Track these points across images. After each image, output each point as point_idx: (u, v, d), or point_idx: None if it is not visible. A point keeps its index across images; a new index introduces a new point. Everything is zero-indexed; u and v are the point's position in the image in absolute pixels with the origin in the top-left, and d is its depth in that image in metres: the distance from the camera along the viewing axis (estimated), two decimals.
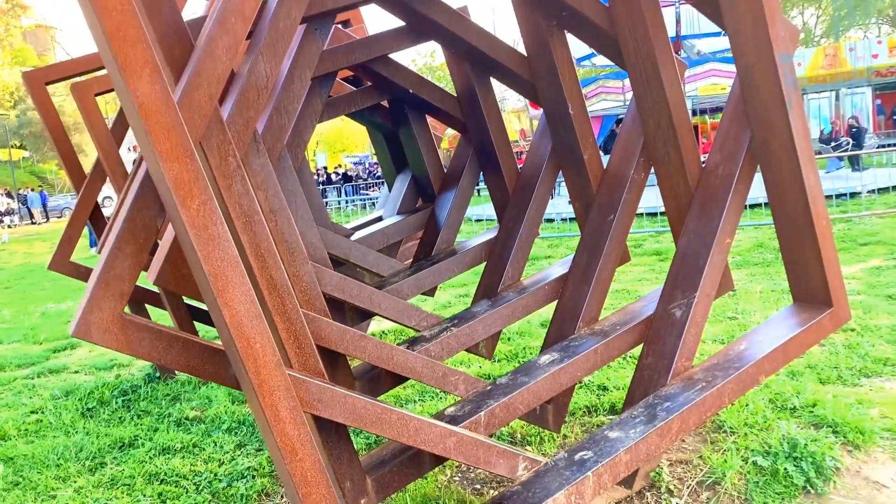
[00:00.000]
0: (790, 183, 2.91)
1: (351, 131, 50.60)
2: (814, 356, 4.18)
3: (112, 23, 1.74)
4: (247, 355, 1.94)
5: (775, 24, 2.75)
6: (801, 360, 4.11)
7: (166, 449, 3.72)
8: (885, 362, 4.00)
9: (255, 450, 3.67)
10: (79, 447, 3.81)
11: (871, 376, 3.85)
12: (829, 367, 3.98)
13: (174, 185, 1.82)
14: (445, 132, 4.77)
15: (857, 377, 3.84)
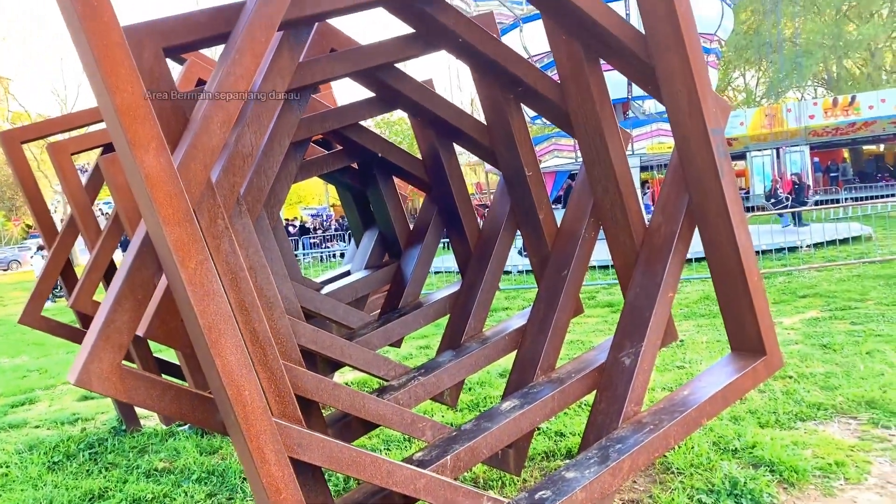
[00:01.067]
0: (724, 242, 3.22)
1: (308, 183, 50.79)
2: (755, 402, 4.48)
3: (123, 101, 1.96)
4: (237, 402, 2.12)
5: (707, 101, 3.09)
6: (743, 406, 4.40)
7: (137, 500, 3.80)
8: (819, 407, 4.31)
9: (225, 499, 3.77)
10: (48, 500, 3.85)
11: (805, 420, 4.15)
12: (768, 411, 4.27)
13: (175, 246, 2.02)
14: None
15: (794, 421, 4.14)
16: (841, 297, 8.26)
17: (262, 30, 2.39)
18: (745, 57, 46.60)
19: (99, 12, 1.92)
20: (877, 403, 4.23)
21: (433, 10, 3.13)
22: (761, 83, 51.85)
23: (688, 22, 3.02)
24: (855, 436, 3.87)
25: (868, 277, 9.56)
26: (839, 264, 10.81)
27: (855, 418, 4.12)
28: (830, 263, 11.01)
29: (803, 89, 49.78)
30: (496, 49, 3.35)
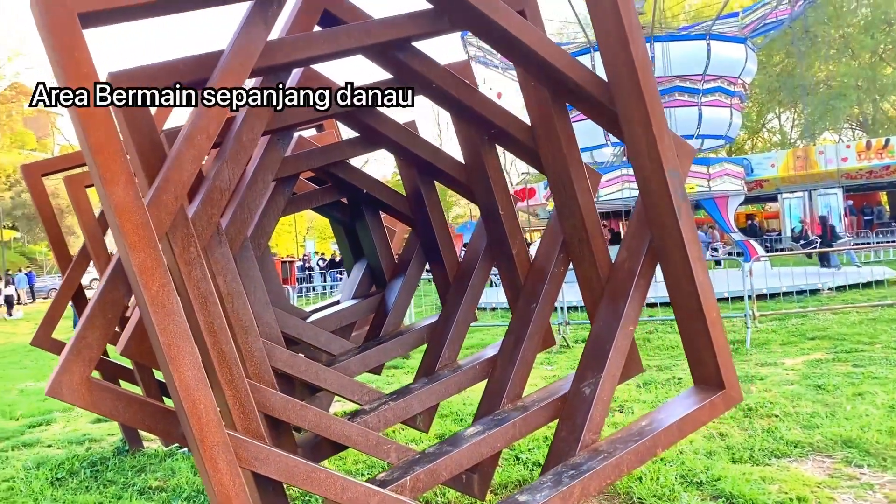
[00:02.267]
0: (683, 279, 3.35)
1: None
2: (734, 438, 4.54)
3: (96, 139, 2.20)
4: (192, 414, 2.30)
5: (664, 145, 3.25)
6: (721, 442, 4.47)
7: None
8: (797, 445, 4.35)
9: None
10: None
11: (780, 457, 4.20)
12: (744, 448, 4.33)
13: (139, 269, 2.24)
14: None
15: (769, 457, 4.19)
16: (850, 340, 8.22)
17: (234, 76, 2.64)
18: (777, 99, 46.40)
19: (80, 66, 2.17)
20: (854, 443, 4.26)
21: (407, 58, 3.36)
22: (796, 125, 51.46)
23: (645, 71, 3.20)
24: (826, 473, 3.91)
25: (883, 321, 9.47)
26: (854, 306, 10.71)
27: (830, 457, 4.16)
28: (845, 306, 10.91)
29: (839, 131, 49.33)
30: (469, 95, 3.56)
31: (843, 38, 41.51)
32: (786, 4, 19.42)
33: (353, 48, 3.14)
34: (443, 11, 3.19)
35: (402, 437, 5.34)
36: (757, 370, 6.89)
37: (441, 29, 3.27)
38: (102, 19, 2.32)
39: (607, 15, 3.18)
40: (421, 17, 3.23)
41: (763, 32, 20.52)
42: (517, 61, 3.42)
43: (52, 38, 2.14)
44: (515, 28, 3.12)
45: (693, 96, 18.01)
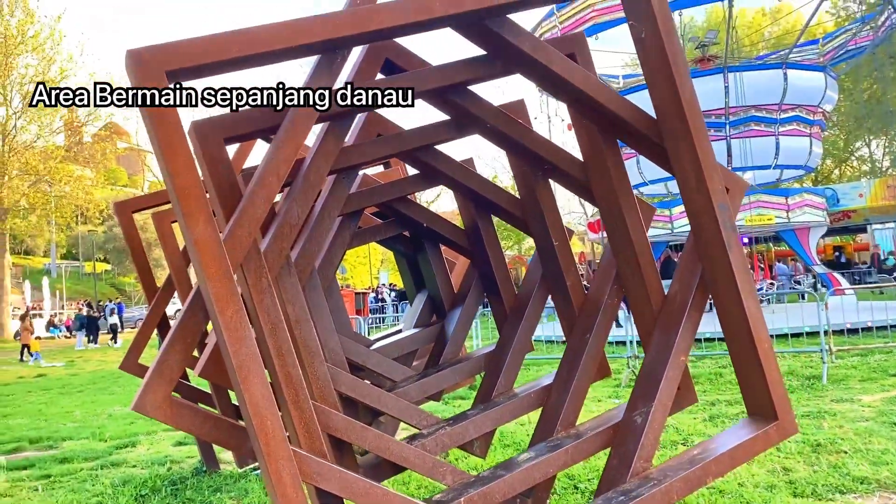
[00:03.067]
0: (734, 311, 3.40)
1: None
2: (798, 472, 4.48)
3: (180, 181, 2.48)
4: (260, 430, 2.52)
5: (713, 180, 3.34)
6: (785, 476, 4.41)
7: None
8: (863, 481, 4.26)
9: None
10: None
11: (845, 493, 4.13)
12: (808, 482, 4.27)
13: (216, 298, 2.49)
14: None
15: (832, 493, 4.12)
16: None
17: (302, 123, 2.90)
18: (866, 126, 44.73)
19: (166, 116, 2.46)
20: None
21: (463, 101, 3.57)
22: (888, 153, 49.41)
23: (692, 109, 3.32)
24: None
25: None
26: None
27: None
28: None
29: None
30: (522, 133, 3.74)
31: None
32: (867, 31, 18.93)
33: None
34: (496, 57, 3.39)
35: (465, 465, 5.46)
36: (831, 406, 6.71)
37: (494, 73, 3.47)
38: (188, 75, 2.61)
39: (654, 55, 3.31)
40: (475, 63, 3.44)
41: (844, 59, 20.01)
42: (567, 101, 3.57)
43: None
44: (565, 71, 3.29)
45: (770, 126, 17.67)
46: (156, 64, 2.48)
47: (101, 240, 53.77)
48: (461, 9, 2.92)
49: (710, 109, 17.33)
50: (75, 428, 9.07)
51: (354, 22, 2.81)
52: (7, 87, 32.69)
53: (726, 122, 17.35)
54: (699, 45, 19.69)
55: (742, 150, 18.00)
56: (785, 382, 8.36)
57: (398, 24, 2.85)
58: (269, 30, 2.65)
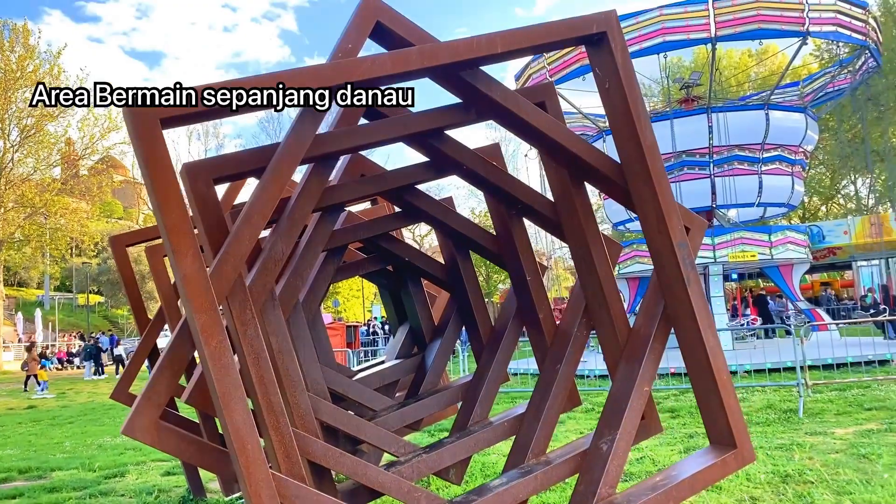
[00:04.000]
0: (694, 343, 3.60)
1: None
2: (765, 502, 4.63)
3: (170, 219, 2.68)
4: (241, 453, 2.69)
5: (672, 220, 3.56)
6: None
7: None
8: None
9: None
10: None
11: None
12: None
13: (201, 329, 2.68)
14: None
15: None
16: None
17: (287, 165, 3.11)
18: (850, 165, 45.41)
19: (159, 159, 2.67)
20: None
21: (440, 145, 3.81)
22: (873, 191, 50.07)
23: (653, 154, 3.55)
24: None
25: None
26: None
27: None
28: None
29: None
30: (497, 175, 3.97)
31: None
32: (846, 74, 19.46)
33: (391, 138, 3.62)
34: (470, 105, 3.63)
35: (446, 493, 5.59)
36: (805, 438, 6.87)
37: (469, 120, 3.71)
38: (179, 121, 2.83)
39: (617, 104, 3.55)
40: (452, 110, 3.68)
41: (824, 101, 20.52)
42: (538, 146, 3.81)
43: (138, 138, 2.65)
44: (533, 119, 3.52)
45: (753, 165, 18.08)
46: (152, 111, 2.70)
47: (95, 272, 53.77)
48: (436, 62, 3.17)
49: (695, 148, 17.78)
50: (65, 458, 9.13)
51: (337, 73, 3.05)
52: (5, 120, 33.03)
53: (710, 160, 17.76)
54: (683, 85, 20.21)
55: (726, 189, 18.36)
56: (763, 415, 8.55)
57: (376, 76, 3.09)
58: (256, 81, 2.88)
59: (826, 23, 16.57)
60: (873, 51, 17.85)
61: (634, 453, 6.59)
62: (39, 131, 33.48)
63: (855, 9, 17.08)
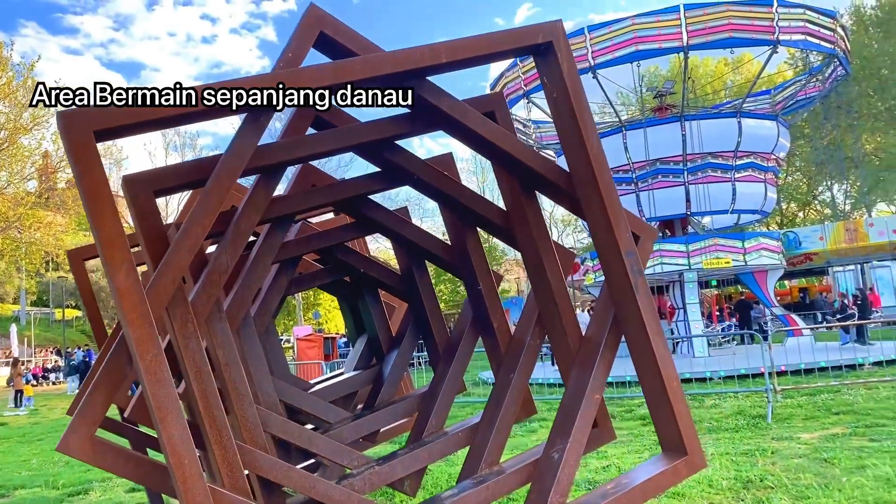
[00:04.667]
0: (644, 351, 3.60)
1: None
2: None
3: (104, 234, 2.66)
4: (177, 468, 2.66)
5: (620, 227, 3.57)
6: None
7: None
8: None
9: None
10: None
11: None
12: None
13: (136, 343, 2.64)
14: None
15: None
16: (873, 415, 8.15)
17: (227, 177, 3.09)
18: (826, 171, 45.97)
19: (93, 172, 2.65)
20: None
21: (391, 155, 3.80)
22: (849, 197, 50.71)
23: (600, 164, 3.55)
24: None
25: None
26: (881, 381, 10.55)
27: None
28: (877, 380, 10.74)
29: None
30: (449, 185, 3.97)
31: (890, 111, 41.32)
32: (817, 82, 19.72)
33: (340, 148, 3.61)
34: (418, 115, 3.63)
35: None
36: (771, 444, 6.91)
37: (418, 130, 3.70)
38: (113, 134, 2.81)
39: (564, 113, 3.56)
40: (400, 119, 3.67)
41: (795, 109, 20.78)
42: (488, 156, 3.81)
43: (72, 150, 2.63)
44: (482, 130, 3.53)
45: (726, 172, 18.24)
46: (84, 125, 2.68)
47: (72, 286, 53.12)
48: (380, 72, 3.16)
49: (669, 156, 17.91)
50: (30, 476, 8.98)
51: (277, 84, 3.03)
52: None
53: (684, 168, 17.91)
54: (657, 94, 20.39)
55: (700, 196, 18.48)
56: (733, 421, 8.59)
57: (321, 86, 3.08)
58: (196, 90, 2.86)
59: (795, 32, 16.79)
60: (842, 59, 18.10)
61: (601, 461, 6.59)
62: (13, 144, 33.14)
63: (823, 18, 17.33)
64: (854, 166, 40.89)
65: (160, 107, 2.75)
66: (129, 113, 2.74)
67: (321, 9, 3.33)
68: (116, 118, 2.73)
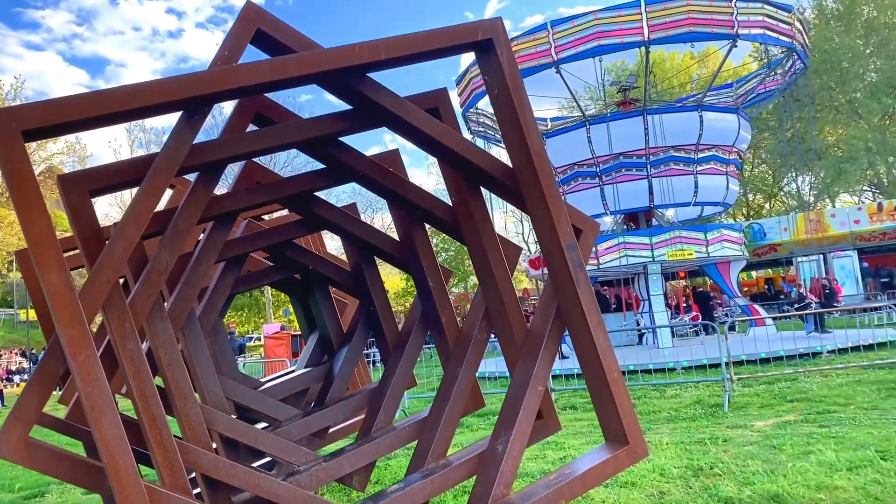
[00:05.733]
0: (586, 342, 3.66)
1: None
2: (672, 495, 4.74)
3: (34, 234, 2.64)
4: (112, 468, 2.65)
5: (561, 222, 3.62)
6: (659, 499, 4.67)
7: None
8: (727, 501, 4.54)
9: None
10: None
11: None
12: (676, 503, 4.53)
13: (68, 343, 2.63)
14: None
15: None
16: (826, 402, 8.33)
17: (162, 176, 3.07)
18: (791, 163, 46.72)
19: (21, 172, 2.62)
20: (780, 497, 4.44)
21: (335, 151, 3.81)
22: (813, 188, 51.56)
23: (541, 159, 3.59)
24: None
25: (866, 383, 9.54)
26: (833, 368, 10.81)
27: None
28: (830, 367, 11.00)
29: (858, 193, 49.45)
30: (395, 182, 3.98)
31: (850, 103, 42.11)
32: (778, 75, 20.05)
33: (281, 145, 3.61)
34: (360, 111, 3.64)
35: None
36: (725, 432, 7.05)
37: (361, 126, 3.70)
38: (42, 134, 2.78)
39: (506, 109, 3.60)
40: (343, 116, 3.68)
41: (756, 102, 21.10)
42: (432, 152, 3.84)
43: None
44: (425, 126, 3.55)
45: (688, 165, 18.47)
46: (13, 123, 2.65)
47: None
48: (318, 68, 3.17)
49: (632, 150, 18.09)
50: None
51: (212, 81, 3.03)
52: None
53: (647, 161, 18.11)
54: (620, 88, 20.57)
55: (663, 189, 18.67)
56: (691, 411, 8.74)
57: (255, 83, 3.08)
58: (125, 91, 2.84)
59: (754, 26, 17.05)
60: (800, 53, 18.41)
61: (557, 453, 6.67)
62: None
63: (781, 12, 17.60)
64: (817, 158, 41.62)
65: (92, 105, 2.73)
66: (59, 111, 2.72)
67: (258, 6, 3.32)
68: (45, 117, 2.71)
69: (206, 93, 2.98)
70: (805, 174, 49.08)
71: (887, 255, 36.98)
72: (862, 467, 4.98)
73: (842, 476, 4.80)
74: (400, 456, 6.96)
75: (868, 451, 5.37)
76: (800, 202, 50.06)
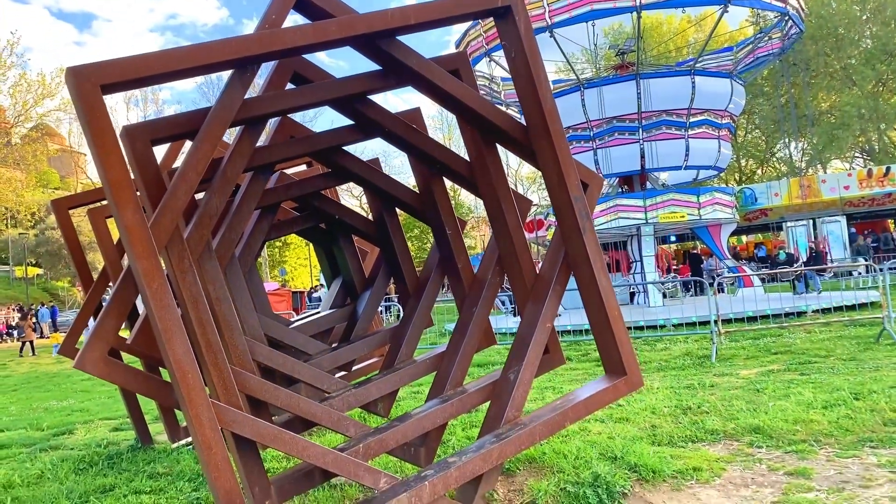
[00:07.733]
0: (590, 284, 4.07)
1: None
2: (663, 428, 5.21)
3: (112, 175, 3.00)
4: (182, 382, 3.05)
5: (570, 176, 4.00)
6: (650, 431, 5.14)
7: (138, 491, 4.73)
8: (713, 433, 5.02)
9: (207, 492, 4.67)
10: (69, 490, 4.82)
11: (696, 442, 4.87)
12: (668, 435, 5.00)
13: (143, 273, 3.01)
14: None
15: (685, 442, 4.86)
16: (808, 354, 8.84)
17: (217, 127, 3.43)
18: (784, 129, 47.01)
19: (100, 122, 2.97)
20: (762, 430, 4.92)
21: (364, 109, 4.16)
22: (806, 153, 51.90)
23: (553, 117, 3.95)
24: (728, 452, 4.58)
25: (847, 338, 10.06)
26: (815, 323, 11.33)
27: (738, 440, 4.82)
28: (812, 322, 11.53)
29: (850, 160, 49.93)
30: (417, 137, 4.35)
31: (845, 70, 42.31)
32: (776, 40, 20.28)
33: (317, 102, 3.97)
34: (388, 72, 3.99)
35: None
36: (712, 379, 7.53)
37: (389, 86, 4.06)
38: (119, 88, 3.13)
39: (522, 71, 3.95)
40: (372, 76, 4.03)
41: (753, 67, 21.34)
42: (452, 110, 4.19)
43: (80, 102, 2.95)
44: (447, 85, 3.90)
45: (680, 129, 18.80)
46: (93, 79, 2.99)
47: (33, 243, 52.29)
48: (353, 32, 3.51)
49: (625, 114, 18.38)
50: (11, 420, 9.29)
51: (261, 43, 3.37)
52: None
53: (640, 126, 18.42)
54: (618, 52, 20.78)
55: (654, 153, 19.01)
56: (680, 361, 9.25)
57: (298, 45, 3.43)
58: (188, 50, 3.19)
59: None
60: (794, 17, 18.63)
61: (557, 395, 7.14)
62: None
63: None
64: (810, 124, 41.93)
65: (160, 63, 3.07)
66: (132, 68, 3.06)
67: None
68: (119, 73, 3.05)
69: (257, 53, 3.33)
70: (798, 140, 49.45)
71: (880, 221, 37.62)
72: (836, 406, 5.46)
73: (817, 412, 5.28)
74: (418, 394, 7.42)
75: (843, 392, 5.85)
76: (792, 168, 50.46)
